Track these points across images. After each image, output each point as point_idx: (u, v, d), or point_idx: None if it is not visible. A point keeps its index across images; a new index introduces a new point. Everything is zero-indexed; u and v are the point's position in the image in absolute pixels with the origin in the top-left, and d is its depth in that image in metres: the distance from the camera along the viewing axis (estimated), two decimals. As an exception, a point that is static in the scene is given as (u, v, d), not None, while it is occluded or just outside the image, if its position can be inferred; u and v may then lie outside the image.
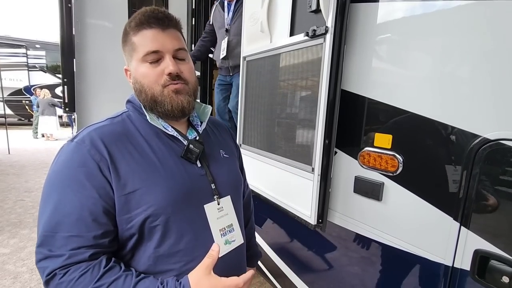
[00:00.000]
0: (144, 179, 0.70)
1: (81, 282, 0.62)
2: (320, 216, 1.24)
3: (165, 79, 0.74)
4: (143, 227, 0.70)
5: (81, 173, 0.66)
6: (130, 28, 0.76)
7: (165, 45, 0.74)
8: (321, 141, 1.17)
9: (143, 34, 0.74)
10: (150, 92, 0.75)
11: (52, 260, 0.63)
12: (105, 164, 0.67)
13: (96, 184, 0.66)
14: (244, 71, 1.76)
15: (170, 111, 0.76)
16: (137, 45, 0.74)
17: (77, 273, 0.62)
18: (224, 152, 0.91)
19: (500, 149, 0.77)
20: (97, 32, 2.70)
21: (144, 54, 0.73)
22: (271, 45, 1.49)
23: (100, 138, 0.70)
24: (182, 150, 0.78)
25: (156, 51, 0.73)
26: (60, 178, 0.68)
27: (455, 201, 0.86)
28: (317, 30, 1.15)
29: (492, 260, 0.79)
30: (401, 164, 0.99)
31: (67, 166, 0.68)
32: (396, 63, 1.02)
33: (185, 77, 0.77)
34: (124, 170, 0.69)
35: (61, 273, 0.62)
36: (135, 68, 0.76)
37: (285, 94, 1.43)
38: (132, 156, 0.71)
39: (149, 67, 0.74)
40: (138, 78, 0.76)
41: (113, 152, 0.70)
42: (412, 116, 0.96)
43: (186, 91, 0.77)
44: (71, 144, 0.70)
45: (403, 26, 0.99)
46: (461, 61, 0.85)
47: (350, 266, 1.26)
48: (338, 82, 1.14)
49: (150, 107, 0.77)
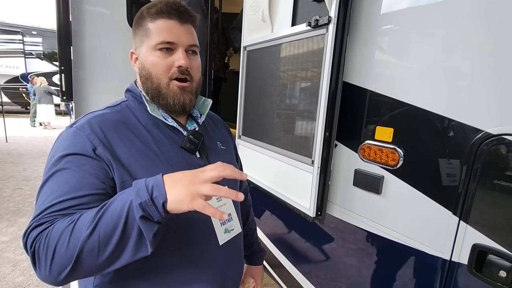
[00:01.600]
0: (145, 166, 0.70)
1: (55, 231, 0.56)
2: (319, 209, 1.24)
3: (174, 71, 0.74)
4: None
5: (81, 156, 0.66)
6: (148, 14, 0.76)
7: (181, 38, 0.74)
8: (321, 133, 1.16)
9: (161, 23, 0.74)
10: (157, 81, 0.75)
11: (36, 230, 0.58)
12: (105, 150, 0.67)
13: (97, 166, 0.66)
14: (244, 61, 1.74)
15: (171, 106, 0.76)
16: (152, 32, 0.74)
17: (51, 228, 0.57)
18: (221, 144, 0.93)
19: (503, 144, 0.76)
20: (95, 19, 2.65)
21: (158, 42, 0.73)
22: (272, 35, 1.47)
23: (100, 126, 0.70)
24: (182, 141, 0.78)
25: (171, 42, 0.74)
26: (56, 163, 0.66)
27: (455, 196, 0.86)
28: (320, 20, 1.12)
29: (490, 254, 0.79)
30: (402, 158, 0.98)
31: (67, 150, 0.67)
32: (399, 55, 1.00)
33: (193, 74, 0.78)
34: (125, 156, 0.69)
35: (40, 237, 0.57)
36: (145, 54, 0.76)
37: (285, 85, 1.41)
38: (133, 144, 0.71)
39: (161, 57, 0.74)
40: (147, 65, 0.76)
41: (114, 139, 0.69)
42: (414, 110, 0.95)
43: (190, 89, 0.78)
44: (70, 130, 0.70)
45: (407, 17, 0.97)
46: (464, 54, 0.84)
47: (347, 258, 1.27)
48: (340, 74, 1.12)
49: (152, 96, 0.77)
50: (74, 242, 0.55)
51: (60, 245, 0.55)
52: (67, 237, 0.55)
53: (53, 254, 0.55)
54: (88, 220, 0.56)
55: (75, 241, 0.55)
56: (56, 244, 0.55)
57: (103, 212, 0.56)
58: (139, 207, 0.54)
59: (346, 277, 1.27)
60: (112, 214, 0.55)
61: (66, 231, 0.56)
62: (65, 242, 0.55)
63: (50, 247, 0.55)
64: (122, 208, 0.55)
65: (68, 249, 0.55)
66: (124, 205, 0.55)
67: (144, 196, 0.55)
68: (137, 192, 0.56)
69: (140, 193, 0.55)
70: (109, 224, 0.55)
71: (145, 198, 0.54)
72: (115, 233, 0.55)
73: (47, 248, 0.55)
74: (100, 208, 0.57)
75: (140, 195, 0.55)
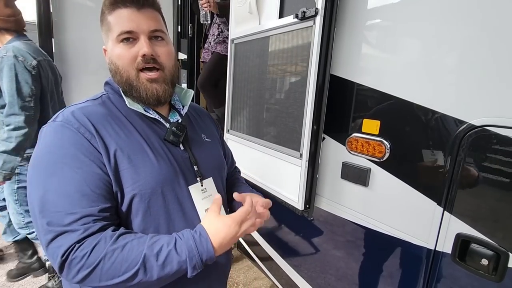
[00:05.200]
0: (132, 159, 0.69)
1: (96, 251, 0.60)
2: (308, 202, 1.24)
3: (139, 61, 0.71)
4: (130, 206, 0.69)
5: (76, 150, 0.64)
6: (105, 7, 0.73)
7: (140, 25, 0.70)
8: (309, 126, 1.15)
9: (118, 14, 0.71)
10: (126, 75, 0.72)
11: (66, 237, 0.60)
12: (96, 141, 0.66)
13: (95, 159, 0.65)
14: (232, 54, 1.71)
15: (145, 99, 0.74)
16: (112, 25, 0.71)
17: (90, 247, 0.60)
18: (206, 136, 0.91)
19: (485, 135, 0.77)
20: (77, 10, 2.56)
21: (118, 34, 0.70)
22: (259, 27, 1.45)
23: (86, 117, 0.68)
24: (165, 133, 0.77)
25: (130, 31, 0.70)
26: (53, 159, 0.64)
27: (439, 187, 0.87)
28: (307, 12, 1.11)
29: (473, 243, 0.81)
30: (388, 150, 0.99)
31: (59, 146, 0.65)
32: (384, 48, 1.00)
33: (162, 61, 0.74)
34: (113, 149, 0.67)
35: (75, 249, 0.59)
36: (111, 48, 0.73)
37: (273, 78, 1.40)
38: (119, 136, 0.70)
39: (124, 48, 0.71)
40: (113, 59, 0.73)
41: (101, 130, 0.68)
42: (400, 102, 0.95)
43: (162, 78, 0.74)
44: (55, 124, 0.67)
45: (392, 11, 0.97)
46: (448, 47, 0.84)
47: (336, 250, 1.28)
48: (328, 67, 1.12)
49: (124, 90, 0.75)
50: (114, 273, 0.60)
51: (102, 269, 0.60)
52: (110, 267, 0.60)
53: (90, 271, 0.60)
54: (137, 260, 0.61)
55: (115, 272, 0.60)
56: (96, 266, 0.60)
57: (157, 267, 0.62)
58: (193, 271, 0.64)
59: (335, 269, 1.29)
60: (166, 275, 0.63)
61: (111, 261, 0.60)
62: (108, 270, 0.60)
63: (89, 265, 0.59)
64: (177, 271, 0.63)
65: (107, 275, 0.60)
66: (179, 270, 0.63)
67: (198, 266, 0.65)
68: (190, 260, 0.64)
69: (193, 262, 0.64)
70: (161, 277, 0.62)
71: (199, 266, 0.65)
72: (164, 282, 0.65)
73: (86, 265, 0.59)
74: (152, 257, 0.62)
75: (195, 266, 0.64)
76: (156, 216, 0.71)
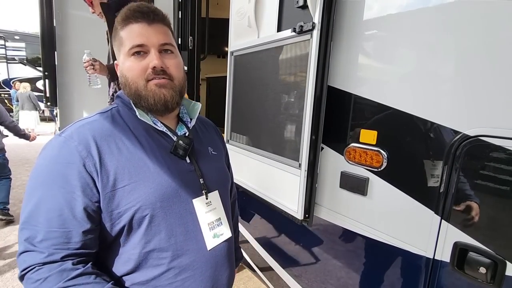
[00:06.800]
0: (133, 175, 0.70)
1: (48, 282, 0.61)
2: (307, 211, 1.25)
3: (149, 73, 0.74)
4: (131, 223, 0.70)
5: (67, 169, 0.66)
6: (117, 23, 0.76)
7: (151, 39, 0.74)
8: (308, 137, 1.17)
9: (130, 29, 0.74)
10: (134, 86, 0.75)
11: (32, 255, 0.63)
12: (91, 161, 0.67)
13: (81, 181, 0.66)
14: (231, 66, 1.75)
15: (152, 105, 0.75)
16: (124, 40, 0.75)
17: (45, 275, 0.62)
18: (212, 149, 0.92)
19: (480, 145, 0.79)
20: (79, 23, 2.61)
21: (129, 48, 0.73)
22: (258, 40, 1.48)
23: (89, 134, 0.70)
24: (172, 146, 0.78)
25: (141, 44, 0.73)
26: (46, 172, 0.67)
27: (436, 196, 0.89)
28: (304, 26, 1.14)
29: (471, 252, 0.82)
30: (386, 160, 1.01)
31: (53, 161, 0.67)
32: (381, 60, 1.03)
33: (171, 72, 0.77)
34: (113, 166, 0.69)
35: (34, 270, 0.62)
36: (122, 62, 0.76)
37: (272, 90, 1.43)
38: (121, 152, 0.71)
39: (134, 61, 0.74)
40: (124, 72, 0.76)
41: (102, 148, 0.69)
42: (396, 113, 0.97)
43: (170, 86, 0.77)
44: (59, 139, 0.70)
45: (388, 23, 1.00)
46: (443, 58, 0.87)
47: (336, 260, 1.28)
48: (325, 79, 1.15)
49: (134, 101, 0.77)
50: None
51: None
52: None
53: None
54: None
55: None
56: None
57: None
58: None
59: (336, 279, 1.29)
60: None
61: None
62: None
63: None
64: None
65: None
66: None
67: None
68: None
69: None
70: None
71: None
72: None
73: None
74: None
75: None
76: (157, 230, 0.72)
